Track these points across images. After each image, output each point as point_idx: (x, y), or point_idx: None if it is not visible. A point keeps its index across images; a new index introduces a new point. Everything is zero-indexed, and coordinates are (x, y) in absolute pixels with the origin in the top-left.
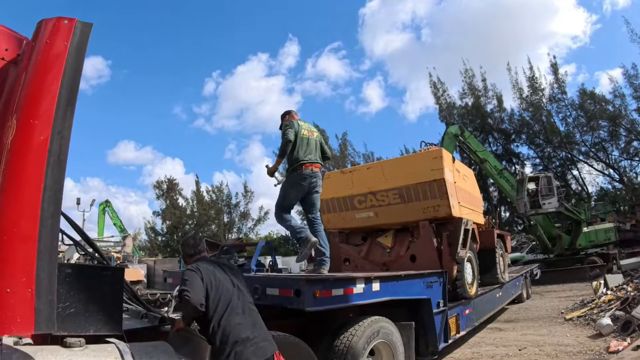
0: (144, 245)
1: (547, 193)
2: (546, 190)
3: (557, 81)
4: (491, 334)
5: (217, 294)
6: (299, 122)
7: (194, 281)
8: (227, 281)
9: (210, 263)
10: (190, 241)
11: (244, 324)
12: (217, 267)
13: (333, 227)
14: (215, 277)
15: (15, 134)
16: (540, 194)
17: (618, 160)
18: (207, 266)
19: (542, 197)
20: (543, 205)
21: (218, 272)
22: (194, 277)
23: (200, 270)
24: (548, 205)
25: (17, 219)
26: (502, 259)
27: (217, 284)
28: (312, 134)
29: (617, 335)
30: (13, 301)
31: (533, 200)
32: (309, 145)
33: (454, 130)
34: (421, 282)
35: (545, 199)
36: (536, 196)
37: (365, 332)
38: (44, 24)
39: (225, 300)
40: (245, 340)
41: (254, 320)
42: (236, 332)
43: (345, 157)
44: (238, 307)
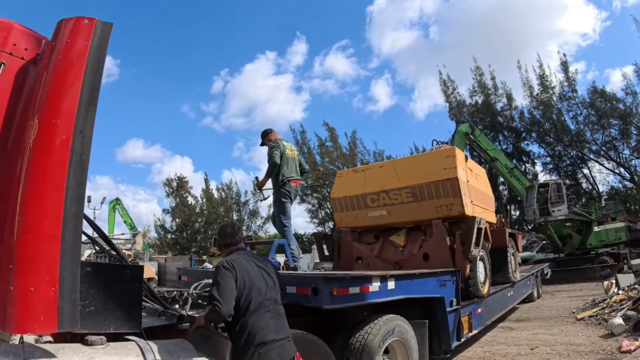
0: (153, 242)
1: (556, 200)
2: (556, 197)
3: (568, 79)
4: (503, 333)
5: (249, 294)
6: (282, 142)
7: (226, 286)
8: (260, 280)
9: (246, 258)
10: (229, 229)
11: (271, 325)
12: (252, 263)
13: (345, 226)
14: (249, 276)
15: (37, 134)
16: (549, 201)
17: (629, 159)
18: (243, 262)
19: (551, 204)
20: (552, 213)
21: (252, 269)
22: (228, 281)
23: (235, 268)
24: (557, 212)
25: (40, 218)
26: (514, 258)
27: (250, 284)
28: (294, 153)
29: (628, 335)
30: (37, 300)
31: (542, 207)
32: (293, 163)
33: (465, 128)
34: (435, 280)
35: (554, 206)
36: (546, 203)
37: (381, 330)
38: (63, 24)
39: (256, 301)
40: (270, 342)
41: (281, 323)
42: (263, 334)
43: (354, 156)
44: (267, 308)
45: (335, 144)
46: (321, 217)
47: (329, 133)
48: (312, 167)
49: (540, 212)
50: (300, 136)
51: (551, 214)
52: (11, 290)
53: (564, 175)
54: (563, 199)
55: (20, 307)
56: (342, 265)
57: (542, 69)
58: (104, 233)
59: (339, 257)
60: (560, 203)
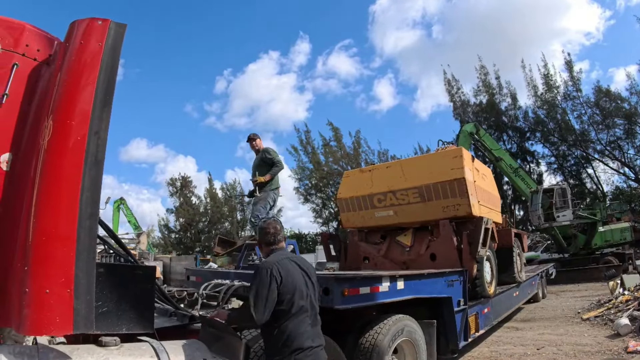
0: (157, 242)
1: (561, 206)
2: (561, 203)
3: (572, 79)
4: (509, 333)
5: (292, 298)
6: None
7: (265, 294)
8: (303, 284)
9: (289, 260)
10: (271, 229)
11: (309, 332)
12: (296, 265)
13: (352, 226)
14: (293, 280)
15: (51, 135)
16: (554, 207)
17: (634, 159)
18: (288, 266)
19: (556, 209)
20: (557, 218)
21: (296, 272)
22: (270, 287)
23: (281, 274)
24: (562, 217)
25: (55, 219)
26: (519, 258)
27: (293, 288)
28: None
29: (635, 336)
30: (52, 301)
31: (547, 212)
32: None
33: (469, 128)
34: (443, 280)
35: (559, 211)
36: (550, 209)
37: (390, 330)
38: (76, 25)
39: (298, 305)
40: (307, 349)
41: (317, 329)
42: (301, 340)
43: (358, 155)
44: (307, 313)
45: (339, 143)
46: (325, 216)
47: (333, 133)
48: (316, 167)
49: (545, 217)
50: (305, 136)
51: (556, 220)
52: (27, 292)
53: (568, 175)
54: (568, 204)
55: (35, 309)
56: (349, 265)
57: (547, 69)
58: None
59: (346, 257)
60: (565, 208)
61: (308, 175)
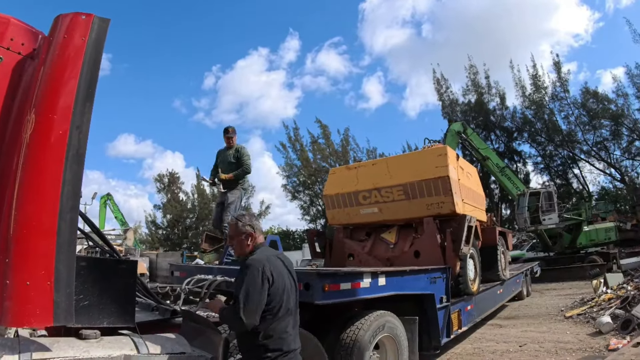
0: (144, 238)
1: (547, 209)
2: (547, 206)
3: (560, 79)
4: (492, 330)
5: (280, 300)
6: None
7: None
8: (289, 285)
9: (276, 257)
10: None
11: (292, 334)
12: (281, 263)
13: (337, 223)
14: (283, 280)
15: (34, 129)
16: (540, 210)
17: (620, 160)
18: (276, 263)
19: (542, 212)
20: (543, 221)
21: (284, 271)
22: (262, 289)
23: (272, 273)
24: (548, 220)
25: (36, 213)
26: (504, 256)
27: (283, 289)
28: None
29: (616, 334)
30: (33, 294)
31: (533, 216)
32: None
33: (457, 127)
34: (425, 277)
35: (545, 214)
36: (537, 212)
37: (372, 326)
38: (60, 19)
39: (285, 307)
40: (292, 352)
41: (297, 331)
42: (288, 342)
43: (347, 153)
44: (292, 315)
45: (327, 141)
46: (313, 213)
47: (321, 130)
48: (304, 164)
49: (531, 220)
50: (293, 133)
51: (542, 222)
52: (7, 284)
53: (554, 174)
54: (554, 208)
55: (16, 301)
56: (334, 262)
57: (535, 69)
58: (97, 228)
59: (331, 253)
60: (551, 212)
61: (296, 173)
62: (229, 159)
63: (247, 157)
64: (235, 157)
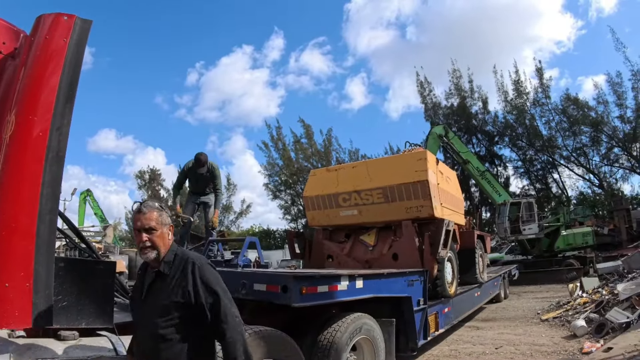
0: (124, 235)
1: (527, 219)
2: (527, 216)
3: (542, 85)
4: (469, 332)
5: None
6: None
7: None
8: None
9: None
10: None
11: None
12: None
13: (317, 224)
14: None
15: (13, 130)
16: (521, 220)
17: (598, 166)
18: None
19: (522, 222)
20: (523, 231)
21: None
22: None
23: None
24: (528, 230)
25: (16, 214)
26: (482, 259)
27: None
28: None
29: (590, 337)
30: (11, 295)
31: (514, 225)
32: None
33: (439, 130)
34: (403, 280)
35: (525, 224)
36: (517, 222)
37: (349, 328)
38: (42, 20)
39: None
40: None
41: None
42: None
43: (329, 153)
44: None
45: (310, 140)
46: (294, 213)
47: (304, 130)
48: (286, 164)
49: (511, 230)
50: (276, 132)
51: (522, 232)
52: None
53: (534, 179)
54: (534, 218)
55: None
56: (313, 263)
57: (518, 75)
58: (76, 227)
59: (310, 255)
60: (531, 222)
61: (278, 172)
62: (203, 174)
63: (219, 180)
64: (208, 173)
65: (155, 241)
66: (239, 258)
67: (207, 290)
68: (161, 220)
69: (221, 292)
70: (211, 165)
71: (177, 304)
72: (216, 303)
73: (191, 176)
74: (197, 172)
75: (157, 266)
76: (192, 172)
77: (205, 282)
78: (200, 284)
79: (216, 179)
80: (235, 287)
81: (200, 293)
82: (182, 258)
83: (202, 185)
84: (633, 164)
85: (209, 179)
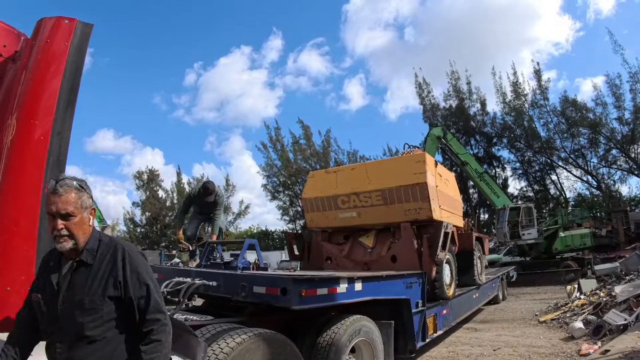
0: (122, 236)
1: (527, 224)
2: (526, 222)
3: (540, 87)
4: (467, 334)
5: None
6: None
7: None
8: None
9: None
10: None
11: None
12: None
13: (316, 226)
14: None
15: (15, 134)
16: (520, 225)
17: (597, 167)
18: None
19: (522, 227)
20: (523, 236)
21: None
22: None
23: None
24: (528, 235)
25: (17, 218)
26: (480, 261)
27: None
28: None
29: (588, 339)
30: (12, 300)
31: (513, 231)
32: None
33: (437, 132)
34: (401, 282)
35: (525, 229)
36: (516, 227)
37: (347, 330)
38: (43, 23)
39: None
40: None
41: None
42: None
43: (328, 155)
44: None
45: (309, 141)
46: (292, 214)
47: (303, 131)
48: (285, 165)
49: (510, 235)
50: (275, 132)
51: (521, 237)
52: None
53: (532, 180)
54: (533, 223)
55: None
56: (312, 264)
57: (516, 76)
58: None
59: (309, 256)
60: (531, 227)
61: (276, 173)
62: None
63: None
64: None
65: (72, 229)
66: (238, 260)
67: (138, 282)
68: (81, 204)
69: (152, 286)
70: (217, 193)
71: (107, 297)
72: (147, 297)
73: (197, 202)
74: (205, 199)
75: (75, 256)
76: (198, 199)
77: (137, 272)
78: (130, 274)
79: (218, 206)
80: (235, 290)
81: (130, 284)
82: (108, 245)
83: (208, 210)
84: (631, 165)
85: (215, 205)
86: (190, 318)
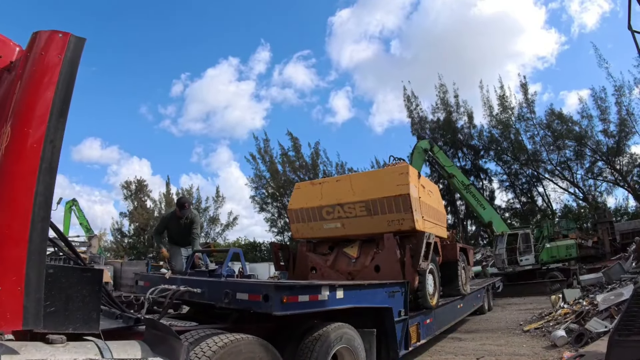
0: (109, 246)
1: (524, 250)
2: (524, 247)
3: (527, 101)
4: (451, 343)
5: None
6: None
7: None
8: None
9: None
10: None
11: None
12: None
13: (301, 237)
14: None
15: (9, 141)
16: (518, 251)
17: (583, 179)
18: None
19: (519, 253)
20: (520, 262)
21: None
22: None
23: None
24: (525, 261)
25: (9, 221)
26: (464, 271)
27: None
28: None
29: (570, 347)
30: (3, 298)
31: (511, 257)
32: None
33: (424, 145)
34: (383, 291)
35: (522, 255)
36: (514, 253)
37: (329, 337)
38: (38, 36)
39: None
40: None
41: None
42: None
43: (316, 166)
44: None
45: (297, 153)
46: (280, 226)
47: (292, 143)
48: (273, 176)
49: (508, 261)
50: (264, 144)
51: (519, 263)
52: None
53: (519, 192)
54: (531, 249)
55: None
56: (297, 275)
57: (503, 90)
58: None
59: (294, 267)
60: (528, 252)
61: (265, 185)
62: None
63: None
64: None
65: None
66: (222, 268)
67: None
68: None
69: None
70: (191, 213)
71: None
72: None
73: (171, 226)
74: (178, 219)
75: None
76: (172, 222)
77: None
78: None
79: (194, 224)
80: (219, 296)
81: None
82: None
83: (184, 235)
84: (616, 177)
85: (188, 227)
86: (175, 324)
